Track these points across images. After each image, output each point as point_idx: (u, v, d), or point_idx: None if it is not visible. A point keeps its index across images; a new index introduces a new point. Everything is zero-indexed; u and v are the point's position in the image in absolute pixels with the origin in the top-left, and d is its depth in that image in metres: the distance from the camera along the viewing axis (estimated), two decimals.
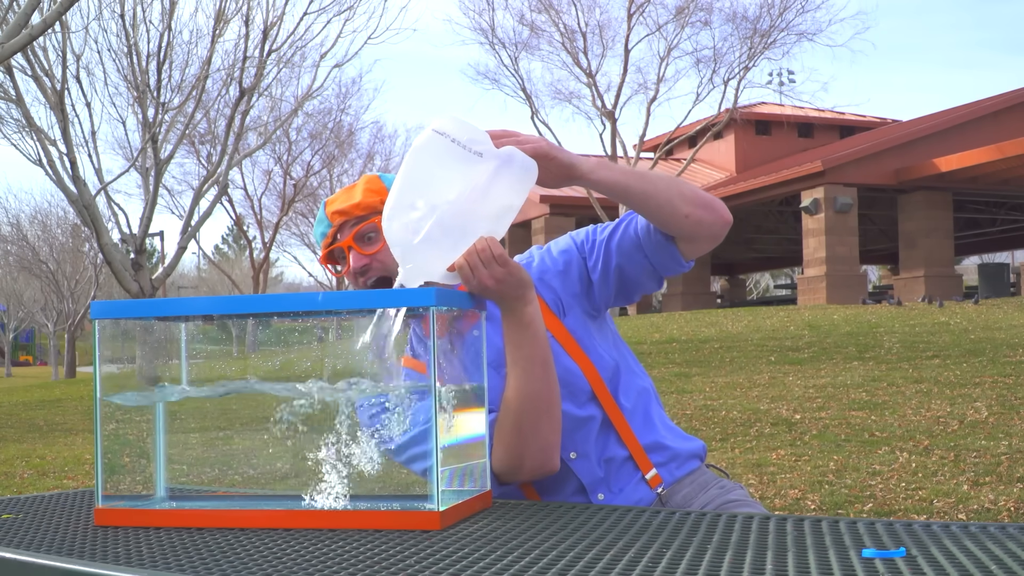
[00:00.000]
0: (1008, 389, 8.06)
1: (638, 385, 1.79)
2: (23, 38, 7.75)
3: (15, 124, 12.88)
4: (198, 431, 1.47)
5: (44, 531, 1.36)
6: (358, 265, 1.70)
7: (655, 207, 1.60)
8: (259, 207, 29.14)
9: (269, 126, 17.74)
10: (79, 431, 10.51)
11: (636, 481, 1.73)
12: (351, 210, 1.71)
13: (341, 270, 1.75)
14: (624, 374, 1.77)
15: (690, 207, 1.60)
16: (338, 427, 1.33)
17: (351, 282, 1.76)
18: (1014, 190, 20.79)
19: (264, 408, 1.38)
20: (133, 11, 13.43)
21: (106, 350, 1.41)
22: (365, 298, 1.33)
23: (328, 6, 14.61)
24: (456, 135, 1.44)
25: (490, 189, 1.43)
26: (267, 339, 1.43)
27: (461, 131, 1.44)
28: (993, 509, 4.72)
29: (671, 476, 1.75)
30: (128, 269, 12.58)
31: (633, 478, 1.73)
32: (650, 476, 1.73)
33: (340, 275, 1.78)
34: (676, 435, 1.81)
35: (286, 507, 1.34)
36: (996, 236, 27.46)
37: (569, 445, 1.70)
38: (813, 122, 28.04)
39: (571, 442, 1.70)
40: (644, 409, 1.77)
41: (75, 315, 34.10)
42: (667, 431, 1.80)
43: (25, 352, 52.08)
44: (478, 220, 1.44)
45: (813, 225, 19.70)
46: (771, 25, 18.80)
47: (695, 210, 1.61)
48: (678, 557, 1.10)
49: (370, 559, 1.12)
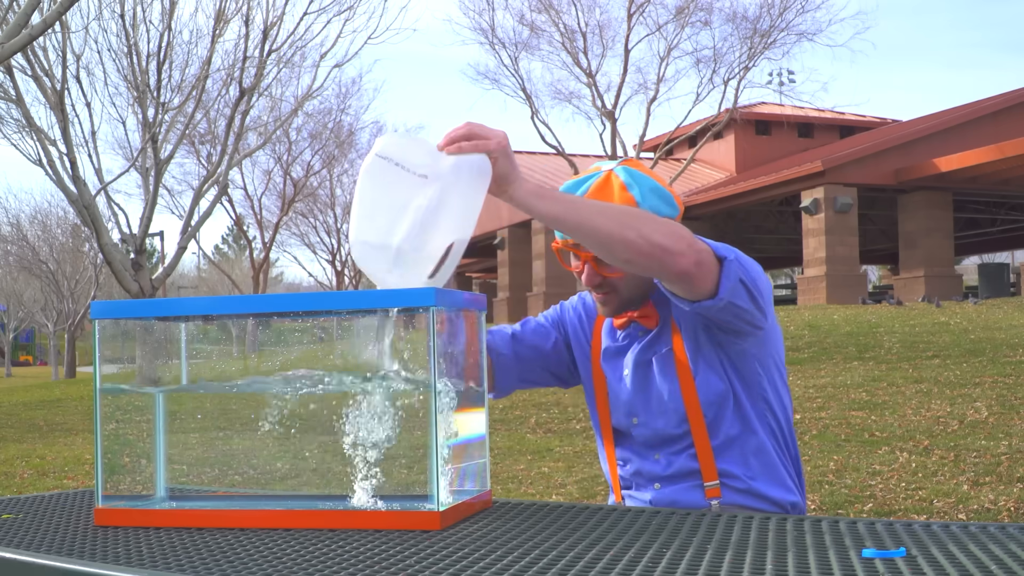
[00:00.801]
0: (1008, 389, 8.06)
1: (750, 419, 1.77)
2: (23, 38, 7.75)
3: (15, 124, 12.88)
4: (198, 431, 1.47)
5: (44, 531, 1.36)
6: (592, 283, 1.79)
7: (593, 244, 1.54)
8: (259, 207, 29.13)
9: (269, 126, 17.74)
10: (79, 431, 10.51)
11: (693, 486, 1.77)
12: None
13: (571, 264, 1.84)
14: (734, 404, 1.76)
15: (630, 253, 1.52)
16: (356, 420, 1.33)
17: (580, 280, 1.83)
18: (1014, 190, 20.79)
19: (265, 408, 1.37)
20: (133, 11, 13.42)
21: (106, 350, 1.41)
22: (365, 298, 1.33)
23: (328, 6, 14.60)
24: (399, 157, 1.40)
25: (442, 207, 1.39)
26: (267, 339, 1.43)
27: (404, 151, 1.41)
28: (993, 509, 4.72)
29: (733, 499, 1.76)
30: (128, 269, 12.58)
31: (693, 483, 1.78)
32: (710, 486, 1.76)
33: (570, 268, 1.85)
34: (770, 479, 1.78)
35: (286, 507, 1.34)
36: (996, 236, 27.46)
37: (657, 448, 1.81)
38: (813, 122, 28.04)
39: (659, 447, 1.81)
40: (743, 446, 1.76)
41: (75, 315, 34.09)
42: (763, 472, 1.77)
43: (25, 352, 52.08)
44: (444, 228, 1.40)
45: (813, 225, 19.70)
46: (771, 25, 18.77)
47: (637, 256, 1.52)
48: (678, 557, 1.10)
49: (370, 559, 1.12)
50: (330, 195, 31.60)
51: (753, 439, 1.77)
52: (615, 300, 1.80)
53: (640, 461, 1.84)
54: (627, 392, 1.84)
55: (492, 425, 8.46)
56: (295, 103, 17.23)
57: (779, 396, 1.81)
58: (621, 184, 1.74)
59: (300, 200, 29.33)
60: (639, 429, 1.83)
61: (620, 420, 1.87)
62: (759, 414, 1.78)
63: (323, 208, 32.17)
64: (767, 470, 1.78)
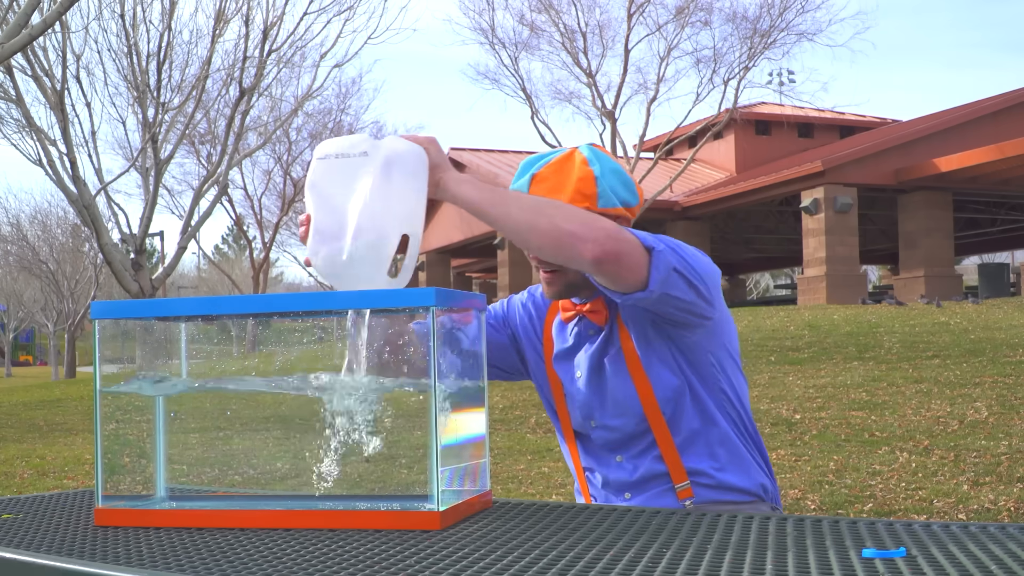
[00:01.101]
0: (1008, 389, 8.06)
1: (709, 411, 1.76)
2: (23, 38, 7.75)
3: (15, 124, 12.90)
4: (198, 431, 1.47)
5: (44, 531, 1.36)
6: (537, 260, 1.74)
7: (508, 232, 1.54)
8: (259, 207, 29.17)
9: (269, 126, 17.75)
10: (79, 431, 10.51)
11: (664, 490, 1.76)
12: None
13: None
14: (691, 397, 1.75)
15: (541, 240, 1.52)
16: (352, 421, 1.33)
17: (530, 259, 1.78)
18: (1014, 190, 20.79)
19: (264, 408, 1.38)
20: (133, 11, 13.44)
21: (106, 350, 1.41)
22: (365, 298, 1.33)
23: (328, 6, 14.63)
24: (337, 150, 1.43)
25: (389, 183, 1.40)
26: (267, 339, 1.43)
27: (340, 145, 1.44)
28: (993, 509, 4.72)
29: (705, 496, 1.75)
30: (128, 269, 12.58)
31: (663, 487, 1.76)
32: (680, 487, 1.75)
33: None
34: (737, 468, 1.77)
35: (286, 507, 1.34)
36: (996, 236, 27.46)
37: (619, 450, 1.79)
38: (813, 122, 28.04)
39: (621, 449, 1.79)
40: (707, 438, 1.76)
41: (75, 315, 34.10)
42: (731, 462, 1.77)
43: (25, 352, 52.10)
44: (392, 221, 1.41)
45: (813, 225, 19.70)
46: (771, 25, 18.80)
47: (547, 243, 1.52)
48: (678, 557, 1.10)
49: (370, 559, 1.12)
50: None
51: (715, 430, 1.76)
52: (560, 281, 1.76)
53: (605, 469, 1.82)
54: (582, 394, 1.81)
55: (492, 425, 8.46)
56: (295, 103, 17.24)
57: (734, 384, 1.79)
58: (583, 159, 1.72)
59: (300, 200, 29.34)
60: (598, 432, 1.81)
61: (578, 423, 1.85)
62: (718, 404, 1.77)
63: None
64: (734, 459, 1.76)
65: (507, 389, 10.51)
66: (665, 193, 20.03)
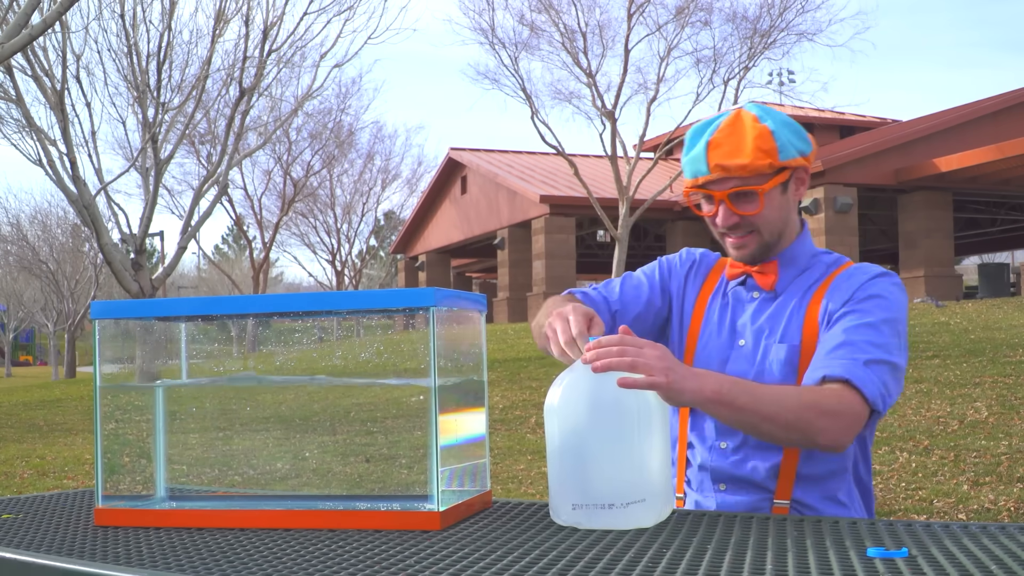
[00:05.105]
0: (1008, 389, 8.06)
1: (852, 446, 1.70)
2: (23, 38, 7.75)
3: (15, 124, 12.88)
4: (198, 431, 1.47)
5: (44, 531, 1.36)
6: (728, 222, 1.67)
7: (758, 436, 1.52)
8: (259, 207, 29.15)
9: (269, 126, 17.74)
10: (79, 431, 10.51)
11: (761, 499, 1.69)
12: (736, 171, 1.63)
13: (704, 210, 1.72)
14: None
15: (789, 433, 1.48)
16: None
17: (712, 229, 1.72)
18: (1014, 190, 20.78)
19: (264, 408, 1.37)
20: (133, 11, 13.43)
21: (106, 350, 1.41)
22: (365, 298, 1.33)
23: (328, 6, 14.61)
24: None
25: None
26: (267, 339, 1.43)
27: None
28: (993, 509, 4.72)
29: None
30: (128, 269, 12.58)
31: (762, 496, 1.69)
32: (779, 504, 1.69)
33: (700, 214, 1.73)
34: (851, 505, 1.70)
35: (286, 507, 1.34)
36: (996, 236, 27.46)
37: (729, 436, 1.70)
38: (813, 122, 27.98)
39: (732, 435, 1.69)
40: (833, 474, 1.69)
41: (75, 315, 34.09)
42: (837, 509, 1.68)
43: (25, 352, 52.07)
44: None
45: (813, 225, 19.69)
46: (771, 25, 18.78)
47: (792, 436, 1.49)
48: (678, 557, 1.10)
49: (370, 559, 1.11)
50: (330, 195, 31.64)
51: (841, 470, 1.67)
52: (755, 242, 1.69)
53: (707, 453, 1.70)
54: (730, 362, 1.69)
55: (492, 425, 8.45)
56: (295, 103, 17.23)
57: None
58: (753, 117, 1.66)
59: (300, 200, 29.36)
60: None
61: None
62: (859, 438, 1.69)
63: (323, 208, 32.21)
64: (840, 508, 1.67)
65: (507, 389, 10.51)
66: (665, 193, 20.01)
